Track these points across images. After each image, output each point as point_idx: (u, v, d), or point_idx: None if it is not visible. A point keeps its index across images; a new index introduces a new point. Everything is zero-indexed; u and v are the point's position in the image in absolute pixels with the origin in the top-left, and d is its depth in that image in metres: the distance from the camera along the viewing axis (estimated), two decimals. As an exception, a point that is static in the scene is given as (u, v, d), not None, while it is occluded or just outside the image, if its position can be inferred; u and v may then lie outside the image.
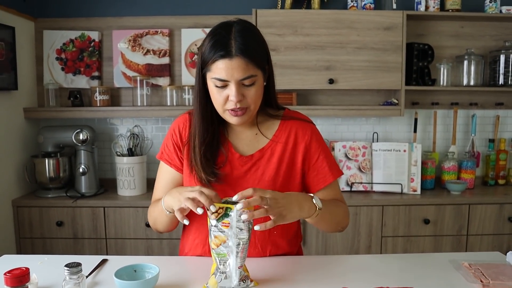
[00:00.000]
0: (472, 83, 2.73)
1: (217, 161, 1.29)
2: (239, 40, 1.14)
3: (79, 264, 1.00)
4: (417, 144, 2.67)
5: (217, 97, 1.20)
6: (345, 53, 2.58)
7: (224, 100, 1.19)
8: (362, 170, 2.68)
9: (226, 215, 1.07)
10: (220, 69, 1.15)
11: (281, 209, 1.09)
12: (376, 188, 2.67)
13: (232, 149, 1.31)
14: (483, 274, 1.16)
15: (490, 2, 2.67)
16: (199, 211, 1.08)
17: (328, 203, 1.26)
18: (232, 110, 1.20)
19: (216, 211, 1.07)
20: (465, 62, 2.72)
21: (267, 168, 1.29)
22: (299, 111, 1.41)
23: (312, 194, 1.21)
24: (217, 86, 1.18)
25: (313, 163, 1.33)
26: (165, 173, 1.38)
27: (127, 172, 2.60)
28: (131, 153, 2.66)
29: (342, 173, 1.39)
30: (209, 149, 1.27)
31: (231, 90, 1.17)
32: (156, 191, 1.41)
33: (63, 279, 0.99)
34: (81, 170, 2.63)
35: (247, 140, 1.33)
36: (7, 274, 0.91)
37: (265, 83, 1.26)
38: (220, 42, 1.15)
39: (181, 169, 1.35)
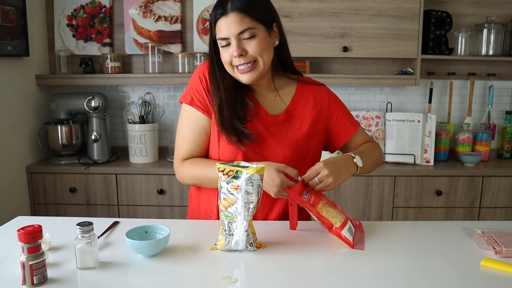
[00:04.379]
0: (491, 52, 2.65)
1: (247, 117, 1.32)
2: None
3: (90, 223, 1.01)
4: (432, 115, 2.62)
5: (224, 56, 1.26)
6: (360, 20, 2.51)
7: (230, 58, 1.25)
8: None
9: (236, 177, 1.07)
10: (220, 27, 1.23)
11: (335, 179, 1.18)
12: (389, 158, 2.64)
13: (261, 107, 1.35)
14: (496, 242, 1.15)
15: (514, -33, 2.57)
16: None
17: (364, 153, 1.34)
18: (239, 67, 1.25)
19: (227, 173, 1.07)
20: (485, 31, 2.63)
21: (291, 129, 1.35)
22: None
23: (352, 154, 1.28)
24: (222, 47, 1.25)
25: (334, 121, 1.42)
26: (194, 121, 1.34)
27: (138, 140, 2.60)
28: (142, 120, 2.66)
29: (359, 124, 1.48)
30: (235, 107, 1.30)
31: (232, 45, 1.23)
32: (184, 143, 1.35)
33: (75, 238, 1.01)
34: (93, 137, 2.65)
35: (268, 101, 1.37)
36: (20, 230, 0.92)
37: (277, 42, 1.31)
38: (219, 5, 1.24)
39: (211, 116, 1.33)
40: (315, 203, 1.17)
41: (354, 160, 1.27)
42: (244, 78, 1.27)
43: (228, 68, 1.28)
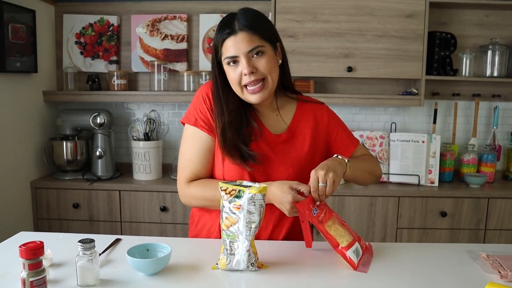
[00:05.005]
0: (495, 74, 2.66)
1: (251, 137, 1.32)
2: (241, 18, 1.24)
3: (92, 240, 1.01)
4: (436, 135, 2.61)
5: (232, 76, 1.25)
6: (364, 40, 2.53)
7: (239, 77, 1.24)
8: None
9: (238, 196, 1.07)
10: (228, 47, 1.23)
11: (334, 172, 1.20)
12: (393, 179, 2.63)
13: (265, 127, 1.36)
14: (501, 265, 1.14)
15: (517, -10, 2.59)
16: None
17: (355, 160, 1.38)
18: (249, 86, 1.24)
19: (229, 192, 1.07)
20: (489, 52, 2.65)
21: (293, 148, 1.36)
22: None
23: (334, 155, 1.30)
24: (230, 65, 1.25)
25: (334, 139, 1.43)
26: (199, 142, 1.33)
27: (143, 157, 2.61)
28: (147, 137, 2.67)
29: (359, 141, 1.49)
30: (239, 129, 1.29)
31: (242, 63, 1.23)
32: (189, 164, 1.34)
33: (76, 255, 1.00)
34: (97, 153, 2.66)
35: (270, 121, 1.38)
36: (22, 246, 0.92)
37: (280, 61, 1.32)
38: (225, 25, 1.24)
39: (215, 136, 1.33)
40: (324, 220, 1.17)
41: (339, 157, 1.28)
42: (253, 98, 1.26)
43: (236, 89, 1.27)
